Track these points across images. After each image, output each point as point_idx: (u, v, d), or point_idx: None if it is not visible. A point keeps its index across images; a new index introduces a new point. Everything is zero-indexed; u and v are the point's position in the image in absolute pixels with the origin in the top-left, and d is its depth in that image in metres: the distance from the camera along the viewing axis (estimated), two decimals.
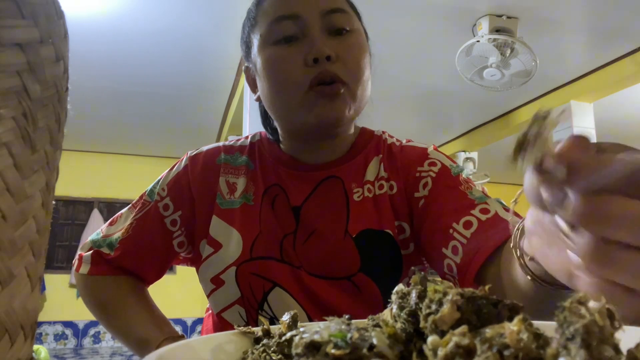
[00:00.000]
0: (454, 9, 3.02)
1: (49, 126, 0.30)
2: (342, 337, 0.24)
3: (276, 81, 0.66)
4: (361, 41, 0.69)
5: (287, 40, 0.66)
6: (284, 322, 0.36)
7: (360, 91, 0.67)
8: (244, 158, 0.77)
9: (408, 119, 4.98)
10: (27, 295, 0.28)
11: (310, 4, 0.65)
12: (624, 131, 5.37)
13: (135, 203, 0.79)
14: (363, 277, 0.69)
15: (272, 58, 0.66)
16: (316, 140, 0.72)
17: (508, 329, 0.21)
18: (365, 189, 0.73)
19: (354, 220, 0.71)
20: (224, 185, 0.74)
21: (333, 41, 0.65)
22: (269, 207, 0.73)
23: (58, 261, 6.28)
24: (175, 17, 3.19)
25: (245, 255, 0.70)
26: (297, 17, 0.65)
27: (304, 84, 0.64)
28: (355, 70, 0.66)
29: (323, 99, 0.64)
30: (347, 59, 0.65)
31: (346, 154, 0.75)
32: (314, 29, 0.65)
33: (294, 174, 0.74)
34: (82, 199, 6.37)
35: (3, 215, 0.26)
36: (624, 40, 3.40)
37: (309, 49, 0.64)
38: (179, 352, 0.30)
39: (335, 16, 0.66)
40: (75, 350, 5.86)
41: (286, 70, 0.65)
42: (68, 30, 0.32)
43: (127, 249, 0.75)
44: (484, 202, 0.65)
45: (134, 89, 4.38)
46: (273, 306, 0.70)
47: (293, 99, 0.65)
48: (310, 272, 0.70)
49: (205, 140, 5.96)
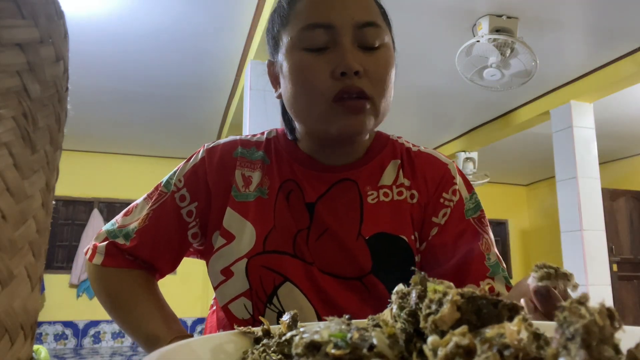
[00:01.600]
0: (454, 9, 3.02)
1: (49, 126, 0.30)
2: (342, 337, 0.24)
3: (302, 87, 0.67)
4: (389, 57, 0.69)
5: (317, 49, 0.66)
6: (284, 322, 0.36)
7: (383, 105, 0.68)
8: (260, 153, 0.77)
9: (408, 119, 4.98)
10: (27, 295, 0.28)
11: (345, 14, 0.65)
12: (624, 131, 5.37)
13: (151, 194, 0.79)
14: (373, 279, 0.70)
15: (300, 64, 0.66)
16: (334, 146, 0.73)
17: (508, 329, 0.21)
18: (381, 193, 0.74)
19: (367, 222, 0.72)
20: (240, 178, 0.75)
21: (363, 55, 0.66)
22: (284, 201, 0.73)
23: (58, 261, 6.28)
24: (176, 17, 3.19)
25: (257, 248, 0.70)
26: (330, 27, 0.65)
27: (329, 95, 0.65)
28: (381, 86, 0.67)
29: (347, 112, 0.65)
30: (374, 75, 0.66)
31: (362, 157, 0.76)
32: (346, 40, 0.65)
33: (310, 173, 0.75)
34: (82, 199, 6.37)
35: (3, 215, 0.26)
36: (624, 40, 3.40)
37: (338, 61, 0.64)
38: (179, 351, 0.30)
39: (368, 30, 0.66)
40: (75, 350, 5.86)
41: (313, 79, 0.65)
42: (68, 30, 0.32)
43: (144, 239, 0.75)
44: (493, 277, 0.73)
45: (134, 89, 4.38)
46: (283, 301, 0.70)
47: (317, 108, 0.66)
48: (322, 269, 0.71)
49: (205, 140, 5.96)
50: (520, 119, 4.63)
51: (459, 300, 0.24)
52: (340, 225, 0.71)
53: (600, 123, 4.60)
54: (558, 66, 3.76)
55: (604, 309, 0.19)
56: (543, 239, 7.85)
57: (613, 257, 5.51)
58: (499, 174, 7.43)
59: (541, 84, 4.03)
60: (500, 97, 4.32)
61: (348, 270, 0.70)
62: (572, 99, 4.05)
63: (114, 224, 0.78)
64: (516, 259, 8.21)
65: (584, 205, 3.91)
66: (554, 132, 4.20)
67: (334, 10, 0.65)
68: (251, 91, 3.41)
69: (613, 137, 5.54)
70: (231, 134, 4.79)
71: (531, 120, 4.55)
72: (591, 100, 4.10)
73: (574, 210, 3.94)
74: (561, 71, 3.86)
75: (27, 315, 0.28)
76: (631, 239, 5.90)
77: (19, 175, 0.27)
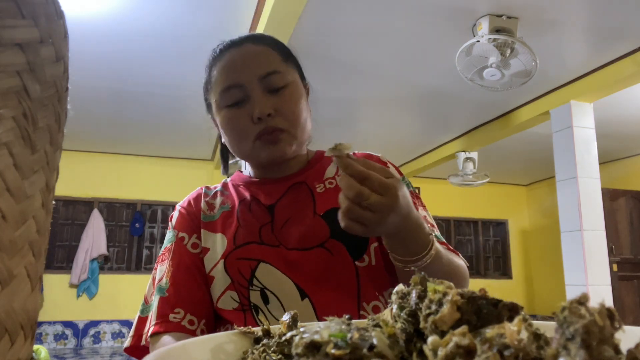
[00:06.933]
0: (454, 9, 3.02)
1: (49, 126, 0.30)
2: (342, 337, 0.24)
3: (232, 136, 0.84)
4: (295, 92, 0.84)
5: (235, 104, 0.82)
6: (284, 322, 0.36)
7: (299, 132, 0.83)
8: (218, 188, 0.94)
9: (408, 119, 4.98)
10: (27, 295, 0.28)
11: (248, 72, 0.81)
12: (624, 131, 5.37)
13: (158, 263, 0.88)
14: (334, 242, 0.81)
15: (227, 119, 0.83)
16: (272, 167, 0.88)
17: (508, 329, 0.21)
18: (327, 183, 0.88)
19: (320, 204, 0.85)
20: (205, 206, 0.90)
21: (271, 98, 0.81)
22: (245, 209, 0.87)
23: (58, 261, 6.28)
24: (175, 17, 3.19)
25: (229, 247, 0.82)
26: (240, 85, 0.81)
27: (251, 136, 0.81)
28: (293, 118, 0.82)
29: (266, 145, 0.81)
30: (285, 111, 0.81)
31: (306, 165, 0.91)
32: (255, 92, 0.81)
33: (265, 187, 0.89)
34: (82, 199, 6.37)
35: (3, 215, 0.26)
36: (624, 40, 3.40)
37: (252, 110, 0.80)
38: (179, 351, 0.30)
39: (272, 77, 0.81)
40: (75, 350, 5.86)
41: (238, 128, 0.82)
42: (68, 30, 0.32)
43: (177, 282, 0.82)
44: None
45: (134, 89, 4.38)
46: (261, 279, 0.80)
47: (245, 147, 0.83)
48: (288, 247, 0.82)
49: (205, 140, 5.97)
50: (520, 119, 4.63)
51: (459, 301, 0.24)
52: (298, 212, 0.84)
53: (600, 123, 4.60)
54: (558, 66, 3.76)
55: (604, 309, 0.19)
56: (543, 239, 7.85)
57: (613, 257, 5.51)
58: (499, 174, 7.44)
59: (541, 84, 4.03)
60: (500, 97, 4.32)
61: (310, 241, 0.81)
62: (572, 99, 4.05)
63: (142, 306, 0.85)
64: (516, 259, 8.22)
65: (584, 205, 3.91)
66: (554, 132, 4.20)
67: (240, 71, 0.82)
68: None
69: (613, 137, 5.54)
70: None
71: (531, 120, 4.56)
72: (591, 100, 4.11)
73: (574, 210, 3.94)
74: (561, 71, 3.86)
75: (27, 315, 0.28)
76: (631, 239, 5.90)
77: (19, 175, 0.27)
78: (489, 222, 8.31)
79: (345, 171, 0.57)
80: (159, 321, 0.78)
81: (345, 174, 0.57)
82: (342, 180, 0.57)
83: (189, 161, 6.65)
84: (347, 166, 0.57)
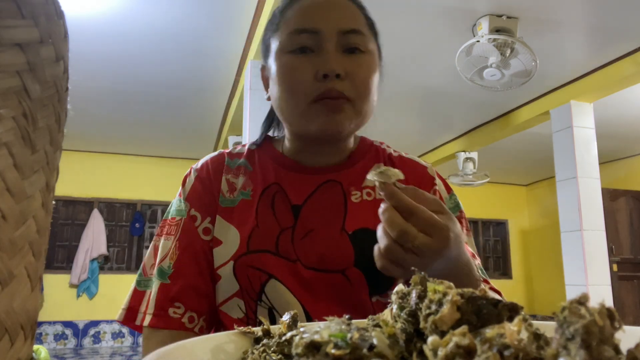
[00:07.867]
0: (454, 9, 3.02)
1: (49, 126, 0.30)
2: (342, 337, 0.24)
3: (286, 88, 0.70)
4: (372, 62, 0.73)
5: (302, 51, 0.70)
6: (284, 322, 0.36)
7: (365, 108, 0.71)
8: (242, 160, 0.80)
9: (408, 119, 4.98)
10: (27, 295, 0.28)
11: (330, 21, 0.70)
12: (624, 131, 5.37)
13: (161, 231, 0.78)
14: (356, 271, 0.71)
15: (286, 66, 0.70)
16: (317, 145, 0.77)
17: (508, 329, 0.21)
18: (364, 193, 0.77)
19: (351, 218, 0.74)
20: (225, 184, 0.78)
21: (345, 59, 0.69)
22: (267, 203, 0.76)
23: (58, 261, 6.28)
24: (176, 17, 3.19)
25: (242, 249, 0.72)
26: (316, 32, 0.69)
27: (311, 96, 0.68)
28: (362, 89, 0.70)
29: (326, 111, 0.68)
30: (356, 77, 0.69)
31: (346, 160, 0.79)
32: (329, 45, 0.69)
33: (295, 176, 0.77)
34: (82, 199, 6.37)
35: (3, 215, 0.26)
36: (624, 40, 3.40)
37: (321, 63, 0.68)
38: (178, 351, 0.30)
39: (352, 37, 0.70)
40: (75, 350, 5.86)
41: (297, 80, 0.69)
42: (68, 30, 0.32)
43: (181, 271, 0.73)
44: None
45: (134, 89, 4.38)
46: (270, 297, 0.72)
47: (299, 107, 0.70)
48: (306, 265, 0.72)
49: (205, 140, 5.97)
50: (520, 119, 4.63)
51: (459, 301, 0.24)
52: (325, 223, 0.74)
53: (600, 123, 4.60)
54: (558, 66, 3.76)
55: (604, 309, 0.19)
56: (543, 239, 7.85)
57: (613, 257, 5.51)
58: (499, 174, 7.43)
59: (541, 84, 4.03)
60: (500, 97, 4.32)
61: (331, 264, 0.72)
62: (572, 99, 4.05)
63: (139, 276, 0.77)
64: (516, 259, 8.21)
65: (584, 205, 3.91)
66: (554, 132, 4.20)
67: (321, 17, 0.70)
68: (251, 91, 3.41)
69: (613, 137, 5.54)
70: (231, 134, 4.79)
71: (531, 120, 4.56)
72: (591, 100, 4.11)
73: (574, 210, 3.94)
74: (561, 71, 3.86)
75: (27, 315, 0.28)
76: (631, 239, 5.90)
77: (19, 175, 0.27)
78: (489, 222, 8.31)
79: (389, 201, 0.48)
80: (158, 313, 0.71)
81: (390, 204, 0.49)
82: (385, 213, 0.49)
83: (189, 161, 6.65)
84: (392, 195, 0.48)
